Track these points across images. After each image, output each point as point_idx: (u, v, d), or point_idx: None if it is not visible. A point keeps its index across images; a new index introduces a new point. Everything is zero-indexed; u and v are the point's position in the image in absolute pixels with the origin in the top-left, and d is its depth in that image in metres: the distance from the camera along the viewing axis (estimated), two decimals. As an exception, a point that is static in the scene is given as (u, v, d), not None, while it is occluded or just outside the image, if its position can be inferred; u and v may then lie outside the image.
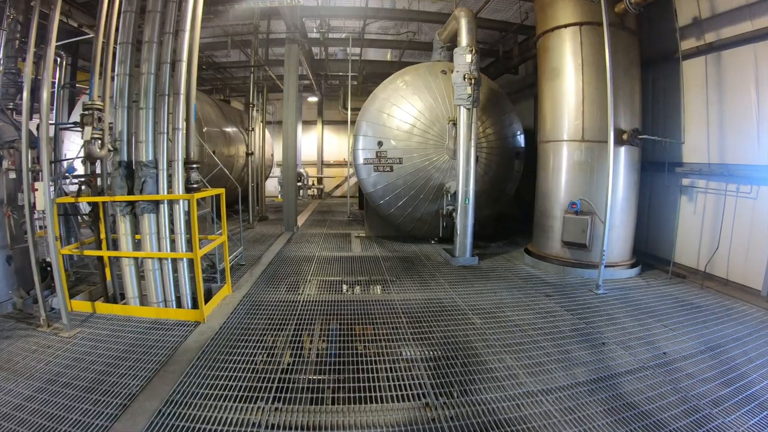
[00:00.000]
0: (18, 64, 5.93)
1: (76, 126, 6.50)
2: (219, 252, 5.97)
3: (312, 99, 20.72)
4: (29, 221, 4.70)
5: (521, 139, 9.43)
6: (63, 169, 6.28)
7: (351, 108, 12.74)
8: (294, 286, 6.26)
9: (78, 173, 6.24)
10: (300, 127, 20.34)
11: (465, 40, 7.49)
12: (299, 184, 19.06)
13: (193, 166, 4.99)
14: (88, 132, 4.10)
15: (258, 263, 7.50)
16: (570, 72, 7.00)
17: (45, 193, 4.48)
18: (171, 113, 4.69)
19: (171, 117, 4.72)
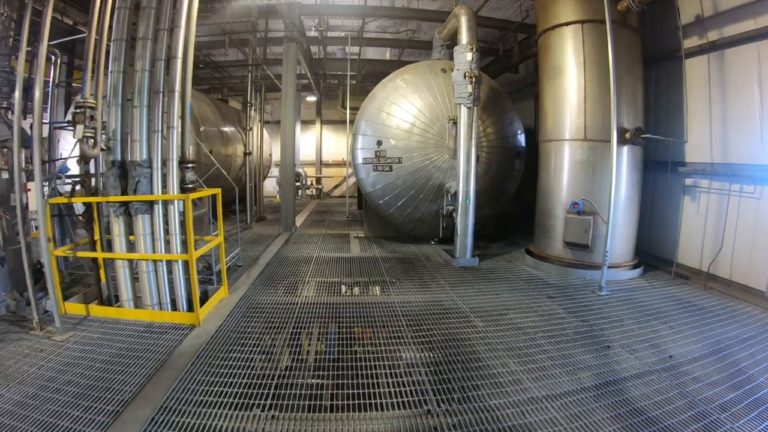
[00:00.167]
0: (12, 62, 5.82)
1: (69, 125, 6.39)
2: (215, 253, 5.87)
3: (311, 98, 20.62)
4: (21, 222, 4.59)
5: (522, 139, 9.35)
6: (56, 169, 6.16)
7: (350, 107, 12.65)
8: (292, 287, 6.16)
9: (71, 173, 6.13)
10: (298, 127, 20.23)
11: (465, 38, 7.41)
12: (298, 184, 18.96)
13: (189, 165, 4.89)
14: (79, 130, 3.99)
15: (255, 264, 7.40)
16: (572, 70, 6.91)
17: (37, 194, 4.38)
18: (165, 112, 4.59)
19: (166, 115, 4.61)
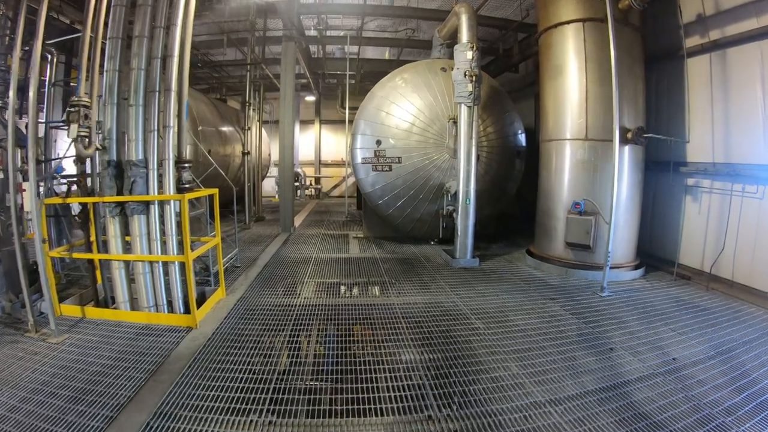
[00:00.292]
0: (8, 61, 5.75)
1: (65, 124, 6.32)
2: (213, 254, 5.80)
3: (310, 98, 20.56)
4: (15, 222, 4.52)
5: (522, 138, 9.29)
6: (51, 169, 6.09)
7: (349, 107, 12.59)
8: (290, 289, 6.09)
9: (67, 173, 6.06)
10: (297, 127, 20.18)
11: (466, 36, 7.34)
12: (297, 184, 18.91)
13: (185, 165, 4.82)
14: (74, 130, 3.93)
15: (254, 265, 7.33)
16: (573, 69, 6.86)
17: (31, 194, 4.31)
18: (162, 111, 4.52)
19: (162, 115, 4.54)
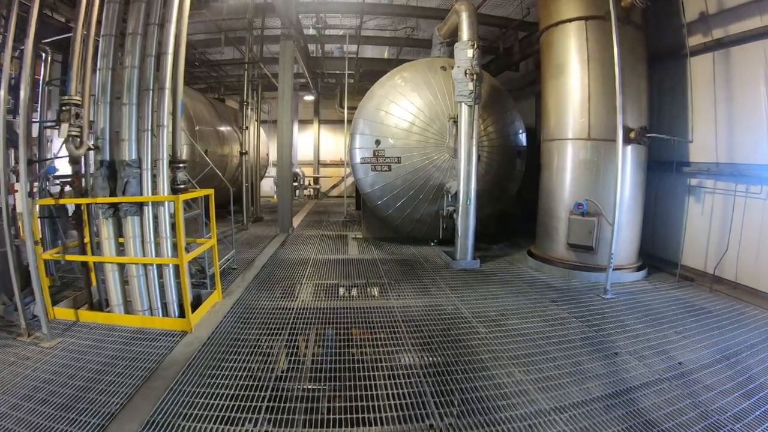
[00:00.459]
0: (0, 59, 5.65)
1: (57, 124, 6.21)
2: (209, 256, 5.70)
3: (308, 98, 20.47)
4: (6, 223, 4.41)
5: (523, 138, 9.21)
6: (43, 169, 5.98)
7: (348, 107, 12.50)
8: (288, 291, 5.99)
9: (59, 173, 5.95)
10: (296, 126, 20.08)
11: (466, 34, 7.25)
12: (295, 184, 18.80)
13: (180, 165, 4.71)
14: (64, 129, 3.82)
15: (251, 267, 7.23)
16: (575, 68, 6.76)
17: (23, 194, 4.21)
18: (155, 111, 4.41)
19: (156, 114, 4.44)
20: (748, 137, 6.14)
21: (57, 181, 5.61)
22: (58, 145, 8.62)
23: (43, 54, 7.63)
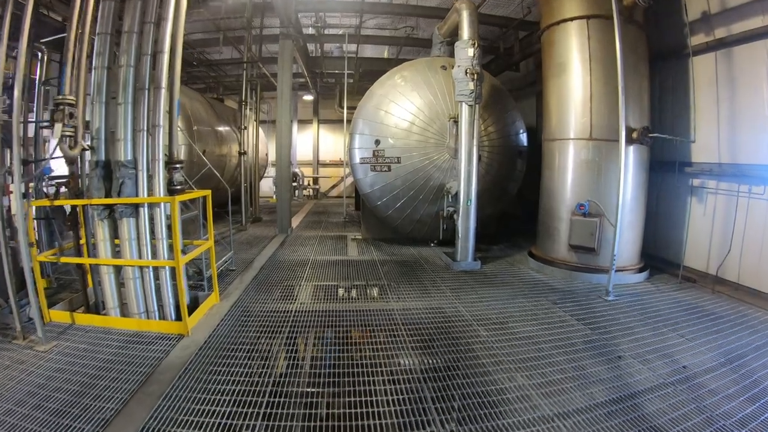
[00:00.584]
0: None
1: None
2: (206, 257, 5.63)
3: (308, 98, 20.38)
4: (1, 225, 4.34)
5: (524, 138, 9.14)
6: (38, 170, 5.91)
7: (347, 106, 12.43)
8: (287, 293, 5.92)
9: (55, 174, 5.88)
10: (295, 126, 20.00)
11: (467, 33, 7.18)
12: (294, 184, 18.72)
13: (177, 165, 4.64)
14: (58, 129, 3.75)
15: (249, 268, 7.16)
16: (577, 67, 6.70)
17: (17, 195, 4.14)
18: (151, 111, 4.34)
19: (152, 113, 4.37)
20: (750, 137, 6.09)
21: (52, 182, 5.54)
22: (54, 146, 8.58)
23: (40, 53, 7.56)
